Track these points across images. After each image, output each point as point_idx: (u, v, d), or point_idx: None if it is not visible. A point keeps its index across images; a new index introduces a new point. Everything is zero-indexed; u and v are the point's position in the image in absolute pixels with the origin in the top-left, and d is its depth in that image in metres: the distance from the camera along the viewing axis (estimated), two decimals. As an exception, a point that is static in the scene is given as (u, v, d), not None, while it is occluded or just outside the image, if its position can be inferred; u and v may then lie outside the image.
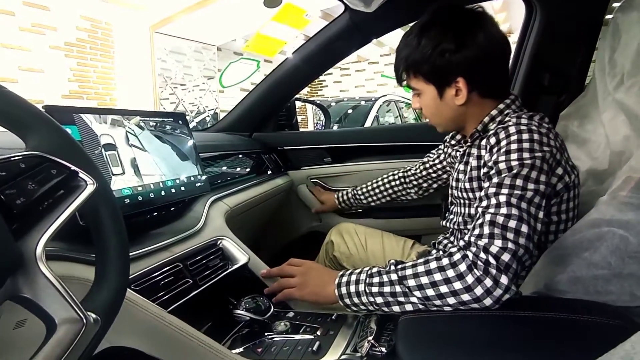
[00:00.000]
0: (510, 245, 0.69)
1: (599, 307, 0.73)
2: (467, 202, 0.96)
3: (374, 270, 0.80)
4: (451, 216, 1.07)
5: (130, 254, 0.75)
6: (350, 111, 5.57)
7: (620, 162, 0.85)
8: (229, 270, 0.96)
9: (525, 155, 0.77)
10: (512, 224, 0.71)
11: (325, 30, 1.49)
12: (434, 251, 1.11)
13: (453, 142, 1.08)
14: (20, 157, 0.44)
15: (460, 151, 1.03)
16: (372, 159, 1.67)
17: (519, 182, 0.75)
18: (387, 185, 1.45)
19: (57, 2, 4.99)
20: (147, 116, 0.94)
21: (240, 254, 1.01)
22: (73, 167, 0.49)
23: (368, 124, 5.09)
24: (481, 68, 0.87)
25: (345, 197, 1.55)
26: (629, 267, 0.72)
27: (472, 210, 0.91)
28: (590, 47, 1.24)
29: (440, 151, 1.33)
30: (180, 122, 1.04)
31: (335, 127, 5.12)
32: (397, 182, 1.44)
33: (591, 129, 0.98)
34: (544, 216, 0.76)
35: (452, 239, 1.07)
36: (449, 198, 1.10)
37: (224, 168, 1.40)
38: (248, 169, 1.54)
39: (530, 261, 0.73)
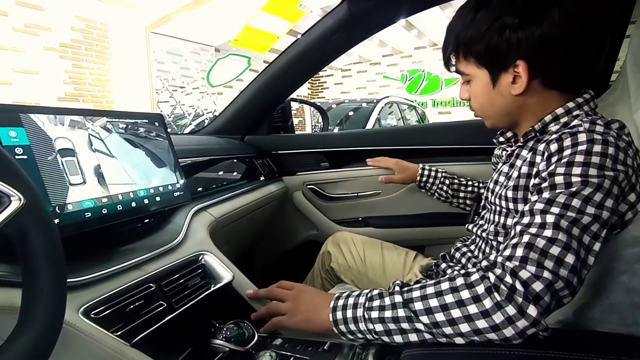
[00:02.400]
0: (546, 274, 0.57)
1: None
2: (504, 211, 0.81)
3: (375, 292, 0.69)
4: (481, 222, 0.92)
5: (91, 275, 0.66)
6: (351, 113, 5.51)
7: None
8: (211, 289, 0.85)
9: (592, 171, 0.62)
10: (555, 250, 0.58)
11: (321, 23, 1.38)
12: (443, 264, 0.99)
13: (501, 139, 0.91)
14: None
15: (507, 150, 0.87)
16: None
17: (575, 202, 0.61)
18: (482, 191, 1.24)
19: (51, 2, 4.94)
20: (115, 117, 0.83)
21: (224, 270, 0.90)
22: (-11, 180, 0.39)
23: (369, 126, 5.01)
24: (549, 51, 0.71)
25: (431, 175, 1.30)
26: (677, 294, 0.59)
27: (510, 221, 0.79)
28: (618, 39, 1.12)
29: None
30: (156, 123, 0.93)
31: (335, 130, 5.04)
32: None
33: None
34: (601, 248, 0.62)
35: (472, 247, 0.94)
36: (482, 201, 0.96)
37: (212, 174, 1.30)
38: (239, 175, 1.45)
39: (570, 298, 0.60)
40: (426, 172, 1.31)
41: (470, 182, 1.27)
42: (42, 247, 0.42)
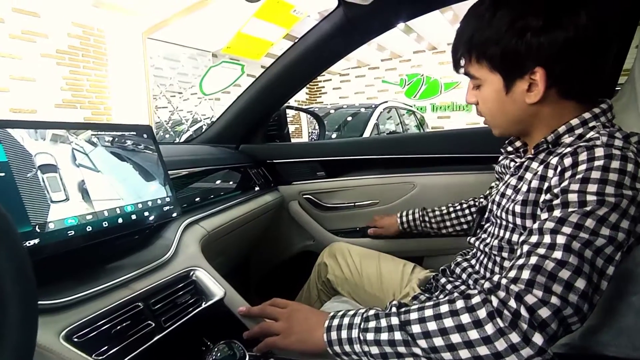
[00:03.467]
0: (554, 299, 0.53)
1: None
2: (511, 226, 0.77)
3: (371, 313, 0.67)
4: (484, 235, 0.88)
5: (75, 296, 0.64)
6: (349, 118, 5.50)
7: None
8: (202, 307, 0.83)
9: (609, 189, 0.58)
10: (565, 274, 0.54)
11: (317, 29, 1.36)
12: (443, 279, 0.96)
13: (510, 148, 0.87)
14: None
15: (516, 161, 0.83)
16: (370, 172, 1.54)
17: (589, 222, 0.57)
18: (467, 212, 1.23)
19: (47, 9, 4.92)
20: (101, 130, 0.81)
21: (215, 287, 0.88)
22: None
23: (368, 131, 5.00)
24: (571, 59, 0.66)
25: (410, 220, 1.32)
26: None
27: (515, 237, 0.75)
28: (625, 43, 1.08)
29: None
30: (144, 135, 0.90)
31: (334, 136, 5.03)
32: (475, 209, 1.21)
33: None
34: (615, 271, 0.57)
35: (473, 262, 0.90)
36: (486, 213, 0.92)
37: (205, 185, 1.28)
38: (233, 186, 1.42)
39: (579, 325, 0.56)
40: (404, 218, 1.33)
41: (452, 209, 1.25)
42: (11, 280, 0.40)
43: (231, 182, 1.43)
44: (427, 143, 1.56)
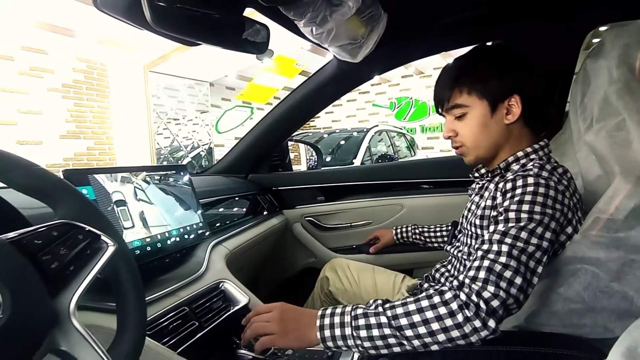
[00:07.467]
0: (501, 293, 0.72)
1: (575, 340, 0.79)
2: (474, 235, 0.98)
3: (359, 311, 0.77)
4: (457, 243, 1.09)
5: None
6: (342, 142, 5.69)
7: (595, 202, 0.87)
8: (231, 311, 1.01)
9: (537, 209, 0.79)
10: (508, 274, 0.74)
11: (316, 76, 1.58)
12: (425, 284, 1.15)
13: (477, 174, 1.06)
14: (52, 225, 0.50)
15: (479, 184, 1.05)
16: (364, 196, 1.75)
17: (523, 234, 0.77)
18: (451, 230, 1.41)
19: (54, 45, 5.10)
20: (152, 171, 1.02)
21: (240, 295, 1.06)
22: (96, 232, 0.55)
23: (360, 154, 5.19)
24: (538, 91, 0.93)
25: (403, 231, 1.54)
26: (601, 301, 0.77)
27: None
28: (566, 85, 1.27)
29: None
30: (181, 173, 1.12)
31: (328, 159, 5.22)
32: None
33: (570, 165, 0.98)
34: (544, 269, 0.78)
35: (449, 267, 1.10)
36: (459, 226, 1.13)
37: (223, 211, 1.48)
38: (245, 211, 1.62)
39: (518, 309, 0.76)
40: (399, 231, 1.55)
41: (438, 228, 1.46)
42: (130, 277, 0.58)
43: (243, 208, 1.62)
44: (413, 170, 1.78)
